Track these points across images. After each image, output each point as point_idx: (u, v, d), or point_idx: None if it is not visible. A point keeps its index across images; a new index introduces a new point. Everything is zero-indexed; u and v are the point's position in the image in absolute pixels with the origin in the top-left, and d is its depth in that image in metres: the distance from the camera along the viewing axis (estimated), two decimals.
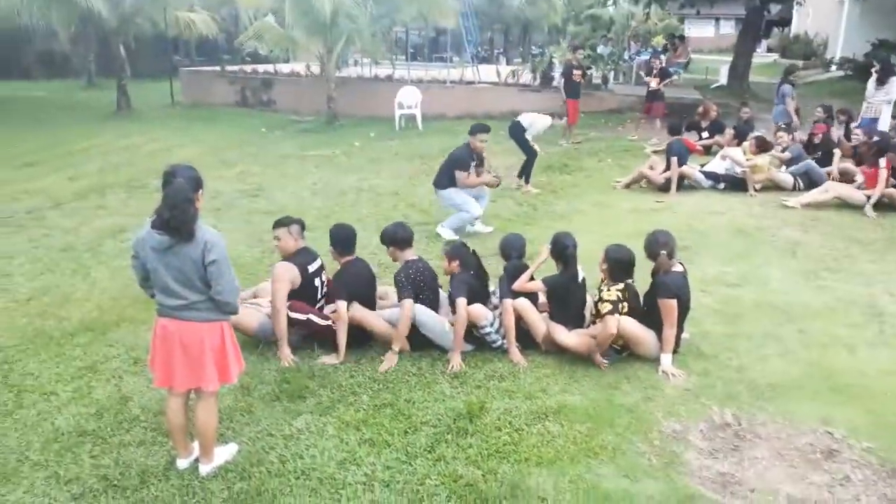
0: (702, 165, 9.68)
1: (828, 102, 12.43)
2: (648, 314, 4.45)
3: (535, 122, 9.41)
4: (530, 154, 9.51)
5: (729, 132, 10.42)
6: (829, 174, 9.01)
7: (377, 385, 4.19)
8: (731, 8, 29.99)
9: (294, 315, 4.53)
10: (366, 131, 14.75)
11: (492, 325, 4.51)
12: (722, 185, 9.22)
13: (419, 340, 4.55)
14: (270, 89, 18.67)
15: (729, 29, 37.27)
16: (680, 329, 4.44)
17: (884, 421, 3.79)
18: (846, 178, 8.86)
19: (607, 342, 4.31)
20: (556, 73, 16.49)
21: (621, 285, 4.42)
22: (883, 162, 7.93)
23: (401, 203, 8.91)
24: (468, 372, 4.33)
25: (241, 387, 4.12)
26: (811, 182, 8.96)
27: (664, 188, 9.13)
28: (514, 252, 4.87)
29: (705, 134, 11.60)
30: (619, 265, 4.47)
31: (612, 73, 17.24)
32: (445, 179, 7.35)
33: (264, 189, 9.72)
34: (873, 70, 11.02)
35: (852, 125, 10.50)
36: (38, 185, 9.99)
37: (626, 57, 19.40)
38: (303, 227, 4.78)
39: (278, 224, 4.72)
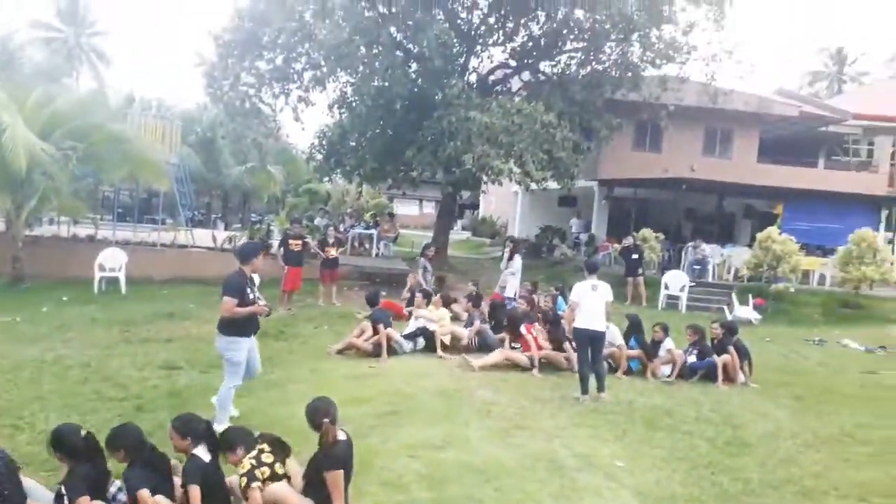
0: (401, 332, 10.40)
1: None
2: (310, 486, 4.37)
3: None
4: None
5: (419, 296, 11.24)
6: (500, 339, 10.18)
7: None
8: (432, 191, 34.06)
9: None
10: (58, 295, 13.25)
11: None
12: (421, 344, 9.96)
13: None
14: None
15: (430, 209, 41.91)
16: (345, 497, 4.41)
17: None
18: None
19: None
20: (275, 242, 16.84)
21: (254, 451, 4.40)
22: (524, 329, 9.49)
23: (93, 376, 7.98)
24: None
25: None
26: (485, 343, 10.17)
27: (374, 354, 9.56)
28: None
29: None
30: (237, 439, 4.51)
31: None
32: (221, 321, 6.31)
33: None
34: (505, 248, 13.26)
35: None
36: None
37: (342, 229, 20.59)
38: None
39: None
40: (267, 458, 4.34)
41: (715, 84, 18.72)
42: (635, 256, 16.68)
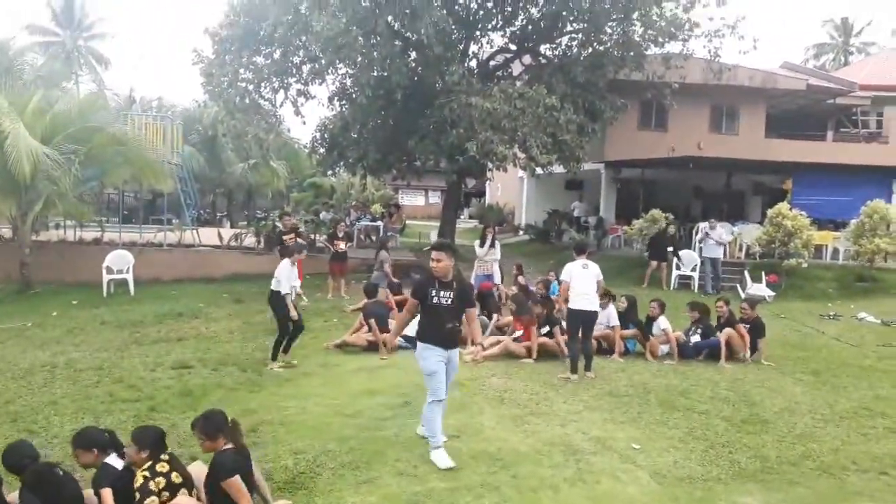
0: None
1: (518, 261, 14.44)
2: (213, 496, 4.30)
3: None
4: (283, 329, 8.83)
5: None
6: (499, 326, 10.26)
7: None
8: (437, 181, 33.95)
9: None
10: (67, 299, 13.27)
11: None
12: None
13: None
14: None
15: (436, 199, 41.84)
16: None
17: None
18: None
19: None
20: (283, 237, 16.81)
21: (148, 463, 4.20)
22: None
23: (105, 379, 7.99)
24: None
25: None
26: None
27: (370, 349, 9.46)
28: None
29: None
30: (148, 441, 4.32)
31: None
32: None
33: None
34: (485, 233, 13.12)
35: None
36: None
37: (347, 222, 20.54)
38: None
39: None
40: (161, 467, 4.20)
41: (719, 60, 18.48)
42: (670, 248, 16.47)
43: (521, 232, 26.27)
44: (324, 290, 14.22)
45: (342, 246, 14.24)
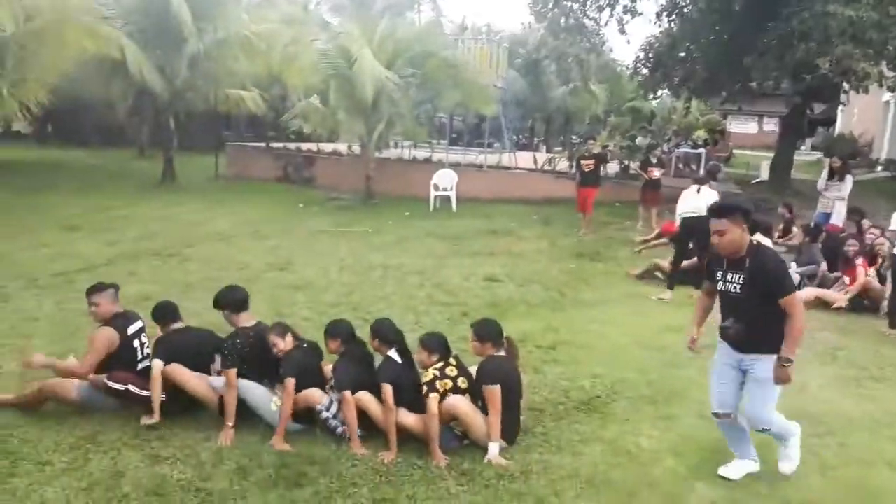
0: None
1: (874, 202, 12.21)
2: (475, 400, 4.38)
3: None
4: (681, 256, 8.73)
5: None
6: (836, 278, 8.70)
7: (379, 477, 3.93)
8: (775, 106, 30.14)
9: (113, 385, 4.52)
10: (401, 210, 14.89)
11: (328, 409, 4.40)
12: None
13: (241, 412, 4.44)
14: (312, 167, 19.17)
15: (772, 126, 37.25)
16: (516, 414, 4.41)
17: None
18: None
19: (433, 424, 4.17)
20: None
21: (439, 364, 4.41)
22: (860, 261, 8.21)
23: (426, 283, 8.79)
24: (477, 469, 4.05)
25: (238, 468, 3.93)
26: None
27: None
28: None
29: None
30: (436, 345, 4.52)
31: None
32: None
33: (293, 263, 9.72)
34: (831, 164, 10.92)
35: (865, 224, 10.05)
36: (76, 248, 10.18)
37: (665, 149, 19.44)
38: (117, 291, 4.87)
39: (93, 290, 4.79)
40: (451, 371, 4.41)
41: None
42: None
43: (879, 168, 22.20)
44: (633, 219, 13.77)
45: (656, 173, 13.50)
